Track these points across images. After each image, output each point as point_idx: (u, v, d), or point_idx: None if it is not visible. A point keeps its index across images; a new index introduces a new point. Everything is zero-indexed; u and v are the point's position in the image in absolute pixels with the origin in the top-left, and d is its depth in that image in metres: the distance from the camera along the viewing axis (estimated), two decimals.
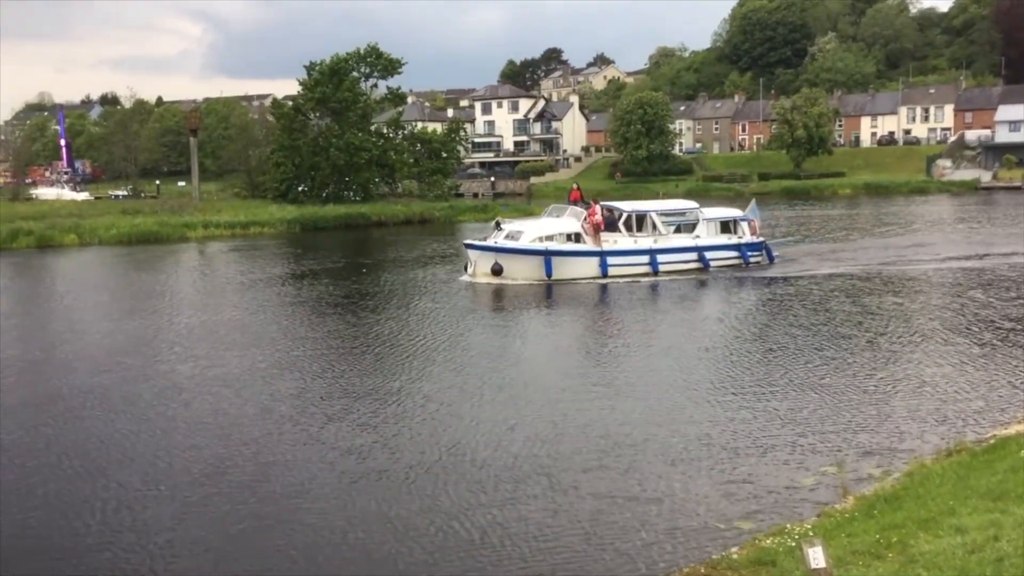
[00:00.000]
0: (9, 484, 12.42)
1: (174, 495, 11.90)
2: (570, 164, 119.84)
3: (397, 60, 74.36)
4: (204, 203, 67.42)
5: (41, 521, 11.15)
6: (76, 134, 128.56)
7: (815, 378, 17.20)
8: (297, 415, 15.43)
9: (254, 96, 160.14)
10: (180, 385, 17.81)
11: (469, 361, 19.57)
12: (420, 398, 16.36)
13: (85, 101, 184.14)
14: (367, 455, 13.33)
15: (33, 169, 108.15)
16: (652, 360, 19.40)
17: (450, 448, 13.50)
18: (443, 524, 10.81)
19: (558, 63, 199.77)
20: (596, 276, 31.42)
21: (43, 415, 15.82)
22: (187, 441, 14.16)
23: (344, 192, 71.57)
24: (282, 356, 20.41)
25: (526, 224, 33.39)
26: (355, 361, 19.79)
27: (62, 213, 57.67)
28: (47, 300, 30.73)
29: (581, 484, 12.00)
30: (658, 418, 14.83)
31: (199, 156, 77.37)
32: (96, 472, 12.85)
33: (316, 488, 12.07)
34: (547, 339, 23.02)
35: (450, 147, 77.65)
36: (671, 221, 34.24)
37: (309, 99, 71.59)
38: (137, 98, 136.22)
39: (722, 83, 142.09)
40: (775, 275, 32.03)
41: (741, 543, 9.82)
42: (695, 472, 12.43)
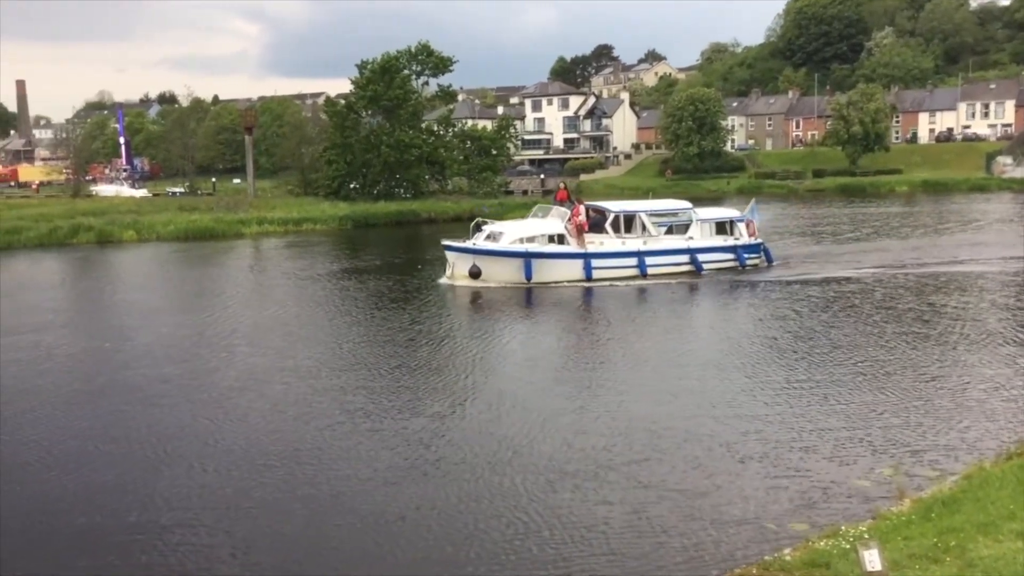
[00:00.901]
0: (94, 466, 12.91)
1: (259, 478, 12.17)
2: (620, 161, 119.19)
3: (448, 58, 74.68)
4: (258, 200, 68.38)
5: (132, 502, 11.54)
6: (135, 132, 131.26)
7: (867, 380, 16.95)
8: (366, 405, 15.72)
9: (307, 95, 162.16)
10: (254, 375, 18.39)
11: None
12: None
13: (144, 100, 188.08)
14: (429, 444, 13.49)
15: (93, 166, 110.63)
16: (658, 365, 19.27)
17: (483, 448, 13.59)
18: (498, 515, 10.91)
19: (609, 60, 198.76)
20: (580, 279, 30.20)
21: (123, 402, 16.42)
22: (265, 427, 14.62)
23: (395, 189, 72.09)
24: (342, 350, 20.86)
25: (508, 225, 32.24)
26: (408, 357, 20.03)
27: (121, 210, 58.97)
28: (112, 294, 31.51)
29: (630, 483, 12.00)
30: (702, 417, 14.75)
31: (254, 154, 78.52)
32: (179, 455, 13.32)
33: (387, 475, 12.25)
34: (512, 344, 22.35)
35: (500, 144, 77.76)
36: (662, 222, 32.93)
37: (361, 97, 72.19)
38: (194, 97, 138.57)
39: (776, 79, 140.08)
40: (772, 278, 30.72)
41: (794, 544, 9.75)
42: (746, 472, 12.35)
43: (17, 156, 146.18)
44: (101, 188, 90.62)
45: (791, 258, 35.28)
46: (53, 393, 17.30)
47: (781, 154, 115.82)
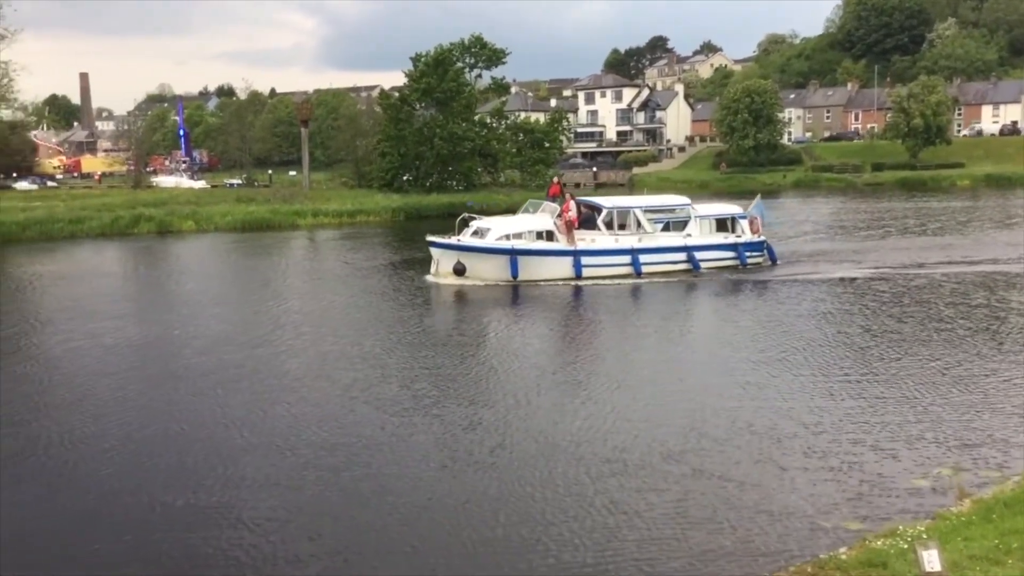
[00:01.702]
0: (175, 449, 13.24)
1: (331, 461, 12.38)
2: (674, 154, 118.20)
3: (501, 50, 74.71)
4: (313, 192, 69.30)
5: (215, 483, 11.81)
6: (194, 124, 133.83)
7: (921, 379, 16.62)
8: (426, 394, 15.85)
9: (362, 87, 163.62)
10: (324, 362, 18.76)
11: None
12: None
13: (203, 93, 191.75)
14: (483, 435, 13.59)
15: (154, 158, 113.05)
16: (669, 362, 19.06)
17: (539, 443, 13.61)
18: (549, 503, 10.94)
19: (663, 51, 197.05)
20: (569, 277, 29.20)
21: (199, 386, 16.86)
22: (338, 412, 14.86)
23: (447, 181, 72.42)
24: (398, 340, 21.09)
25: (495, 221, 30.91)
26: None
27: (180, 200, 60.19)
28: (176, 283, 32.20)
29: (684, 481, 11.93)
30: (745, 412, 14.60)
31: (309, 146, 79.47)
32: (259, 439, 13.60)
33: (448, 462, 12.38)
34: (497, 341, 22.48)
35: (552, 137, 77.61)
36: (658, 218, 31.76)
37: (415, 90, 72.58)
38: (252, 90, 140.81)
39: (834, 71, 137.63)
40: (774, 278, 29.69)
41: (850, 543, 9.61)
42: (800, 470, 12.20)
43: (80, 147, 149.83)
44: (161, 179, 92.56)
45: (797, 256, 34.33)
46: (132, 378, 17.73)
47: (839, 147, 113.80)
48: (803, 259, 33.73)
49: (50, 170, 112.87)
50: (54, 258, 39.40)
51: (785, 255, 33.70)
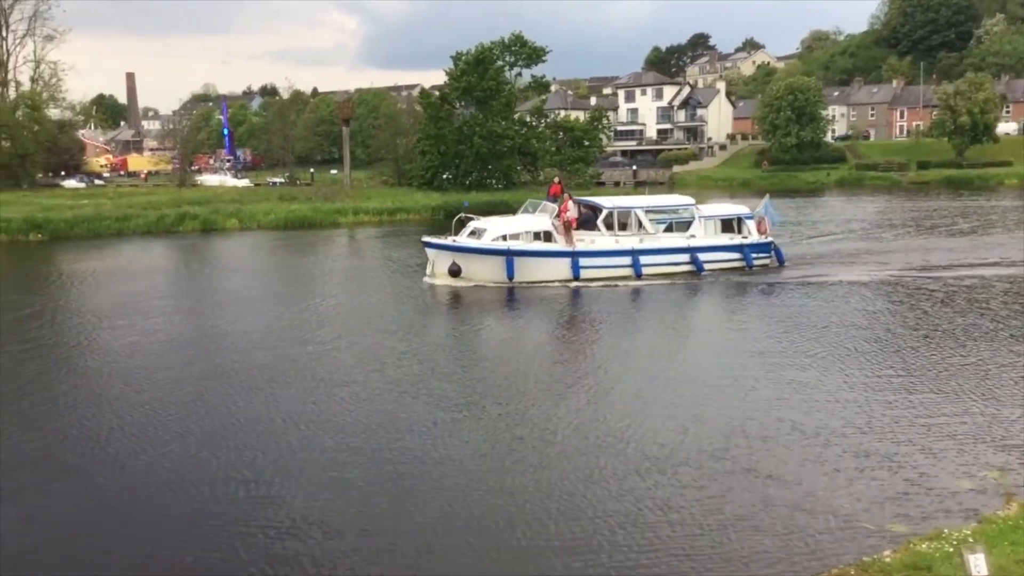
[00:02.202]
0: (231, 443, 13.46)
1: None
2: (715, 152, 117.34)
3: (541, 48, 74.71)
4: (354, 190, 69.87)
5: (273, 474, 12.03)
6: (238, 124, 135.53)
7: (961, 381, 16.36)
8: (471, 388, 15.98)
9: (403, 86, 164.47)
10: (375, 357, 19.05)
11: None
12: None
13: (246, 92, 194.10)
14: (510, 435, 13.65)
15: (198, 156, 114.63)
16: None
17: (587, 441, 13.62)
18: (593, 501, 10.98)
19: (705, 49, 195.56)
20: (567, 279, 28.57)
21: (253, 382, 17.10)
22: (389, 407, 14.97)
23: (487, 180, 72.58)
24: (444, 337, 21.24)
25: (491, 221, 30.26)
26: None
27: (224, 199, 61.01)
28: (223, 280, 32.69)
29: (720, 478, 11.89)
30: (783, 413, 14.48)
31: (350, 145, 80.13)
32: (316, 433, 13.74)
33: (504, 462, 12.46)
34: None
35: (592, 135, 77.50)
36: (660, 219, 31.02)
37: (455, 88, 72.83)
38: (294, 89, 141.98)
39: (879, 67, 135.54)
40: (781, 280, 28.83)
41: (894, 546, 9.52)
42: (842, 471, 12.09)
43: (127, 146, 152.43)
44: (206, 178, 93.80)
45: (813, 257, 33.61)
46: (187, 373, 18.05)
47: (884, 145, 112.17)
48: (816, 260, 32.94)
49: (97, 168, 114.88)
50: (102, 255, 40.16)
51: (799, 256, 33.29)
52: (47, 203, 56.68)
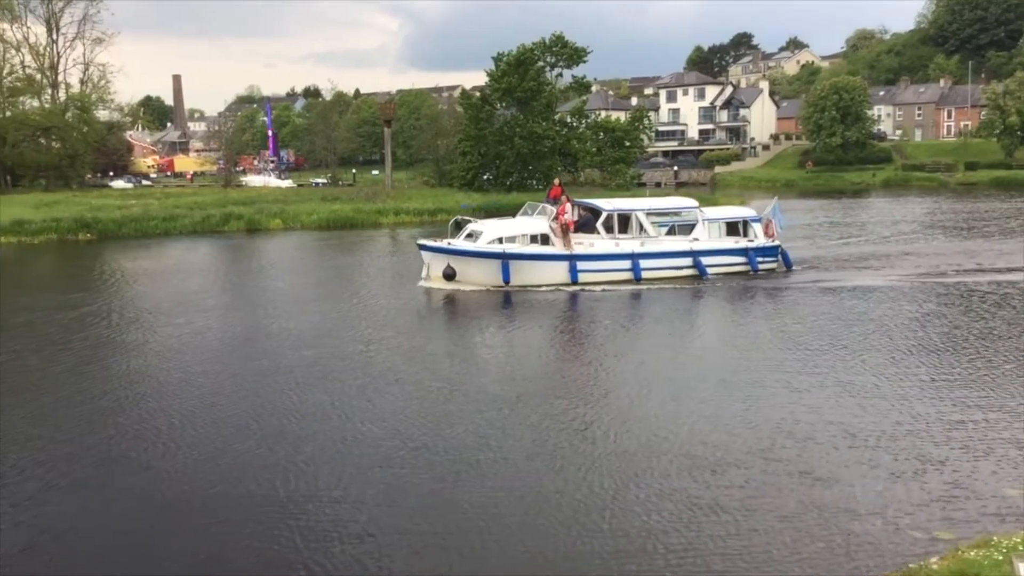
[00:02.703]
0: (287, 439, 13.63)
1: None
2: (758, 152, 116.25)
3: (582, 49, 74.53)
4: (395, 191, 70.29)
5: (331, 468, 12.18)
6: (281, 125, 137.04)
7: (1001, 381, 16.05)
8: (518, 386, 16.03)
9: (444, 87, 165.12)
10: (423, 356, 19.31)
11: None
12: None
13: (290, 94, 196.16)
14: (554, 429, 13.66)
15: (243, 158, 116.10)
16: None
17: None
18: (635, 502, 10.95)
19: (748, 48, 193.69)
20: (564, 283, 28.06)
21: (308, 379, 17.31)
22: (441, 406, 15.06)
23: (527, 181, 72.60)
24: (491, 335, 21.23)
25: (488, 224, 29.78)
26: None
27: (268, 199, 61.76)
28: (269, 279, 33.05)
29: (768, 482, 11.79)
30: (833, 418, 14.30)
31: (392, 146, 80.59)
32: (374, 430, 13.88)
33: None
34: None
35: (633, 136, 77.20)
36: (662, 222, 30.37)
37: (496, 89, 72.97)
38: (337, 90, 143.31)
39: (926, 67, 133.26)
40: (786, 284, 28.28)
41: (941, 553, 9.37)
42: (890, 476, 11.92)
43: (173, 147, 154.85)
44: (250, 178, 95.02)
45: (829, 261, 32.92)
46: (240, 370, 18.35)
47: (931, 145, 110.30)
48: (829, 265, 32.17)
49: (145, 169, 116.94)
50: (150, 254, 40.87)
51: (818, 259, 32.80)
52: (96, 203, 57.86)
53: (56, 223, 47.98)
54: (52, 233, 46.94)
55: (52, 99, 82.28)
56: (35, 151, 78.81)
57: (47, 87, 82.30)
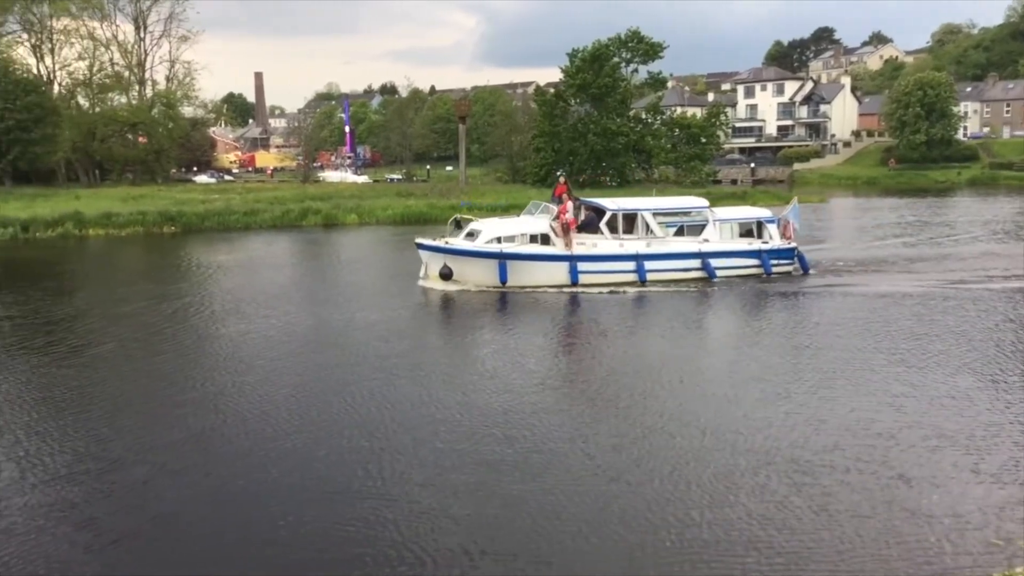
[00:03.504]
0: (369, 433, 13.83)
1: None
2: (838, 150, 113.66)
3: (658, 44, 74.06)
4: (469, 187, 70.78)
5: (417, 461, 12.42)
6: (358, 122, 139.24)
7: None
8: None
9: (518, 84, 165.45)
10: (510, 353, 19.27)
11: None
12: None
13: (367, 91, 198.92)
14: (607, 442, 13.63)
15: (321, 153, 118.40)
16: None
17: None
18: (696, 505, 10.89)
19: (829, 43, 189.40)
20: (564, 284, 27.23)
21: (389, 373, 17.45)
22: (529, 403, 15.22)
23: (600, 177, 72.49)
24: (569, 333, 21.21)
25: (488, 223, 28.96)
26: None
27: (345, 195, 62.78)
28: (348, 272, 33.49)
29: (842, 483, 11.57)
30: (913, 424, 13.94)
31: (466, 142, 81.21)
32: (455, 426, 14.13)
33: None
34: None
35: (709, 132, 76.38)
36: (670, 222, 29.43)
37: (570, 86, 72.97)
38: (413, 88, 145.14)
39: (1016, 62, 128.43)
40: (801, 289, 27.08)
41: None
42: (971, 479, 11.59)
43: (255, 144, 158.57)
44: (327, 174, 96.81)
45: (849, 265, 31.50)
46: (335, 360, 18.70)
47: (1020, 143, 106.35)
48: (852, 268, 30.84)
49: (227, 165, 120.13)
50: (232, 248, 41.91)
51: (830, 263, 31.56)
52: (180, 197, 59.65)
53: (142, 216, 49.53)
54: (139, 226, 48.47)
55: (139, 96, 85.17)
56: (123, 146, 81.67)
57: (135, 84, 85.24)
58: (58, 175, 76.67)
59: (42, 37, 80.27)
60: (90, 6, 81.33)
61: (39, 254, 39.87)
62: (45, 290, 28.64)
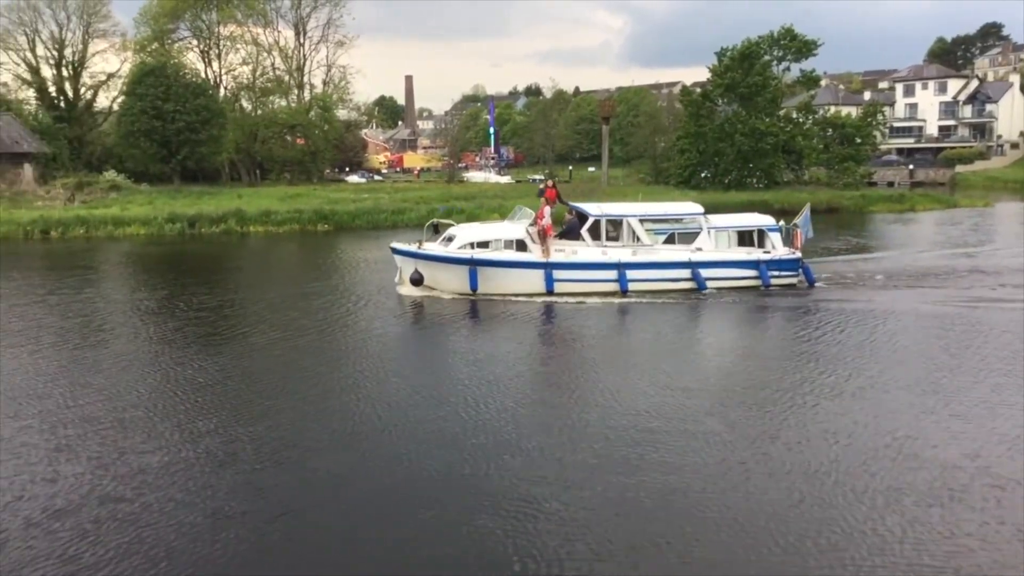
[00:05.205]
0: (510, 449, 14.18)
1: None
2: (1005, 151, 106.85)
3: (812, 41, 71.52)
4: (611, 188, 70.47)
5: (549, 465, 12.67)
6: (503, 123, 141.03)
7: None
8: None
9: (663, 84, 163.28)
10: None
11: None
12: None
13: (512, 92, 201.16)
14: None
15: (466, 154, 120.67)
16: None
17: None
18: (757, 513, 10.56)
19: (997, 39, 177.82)
20: (538, 292, 26.04)
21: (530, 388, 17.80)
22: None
23: (747, 179, 70.71)
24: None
25: (465, 228, 28.02)
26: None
27: (488, 194, 63.81)
28: None
29: (908, 495, 10.98)
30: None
31: (609, 143, 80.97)
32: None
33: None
34: None
35: (865, 132, 73.31)
36: (660, 229, 27.80)
37: (718, 85, 71.51)
38: (557, 89, 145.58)
39: None
40: (800, 304, 24.78)
41: None
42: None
43: (403, 145, 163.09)
44: (471, 174, 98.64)
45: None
46: (484, 351, 19.17)
47: None
48: (866, 282, 28.49)
49: (376, 165, 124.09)
50: (381, 245, 43.20)
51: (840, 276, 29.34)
52: (333, 196, 62.15)
53: (299, 214, 51.92)
54: (295, 224, 50.84)
55: (298, 99, 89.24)
56: (282, 147, 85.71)
57: (294, 88, 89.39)
58: (222, 174, 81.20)
59: (210, 43, 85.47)
60: (255, 13, 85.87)
61: (204, 248, 42.46)
62: (212, 283, 30.59)
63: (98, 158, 75.60)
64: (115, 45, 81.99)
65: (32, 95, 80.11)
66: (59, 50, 78.86)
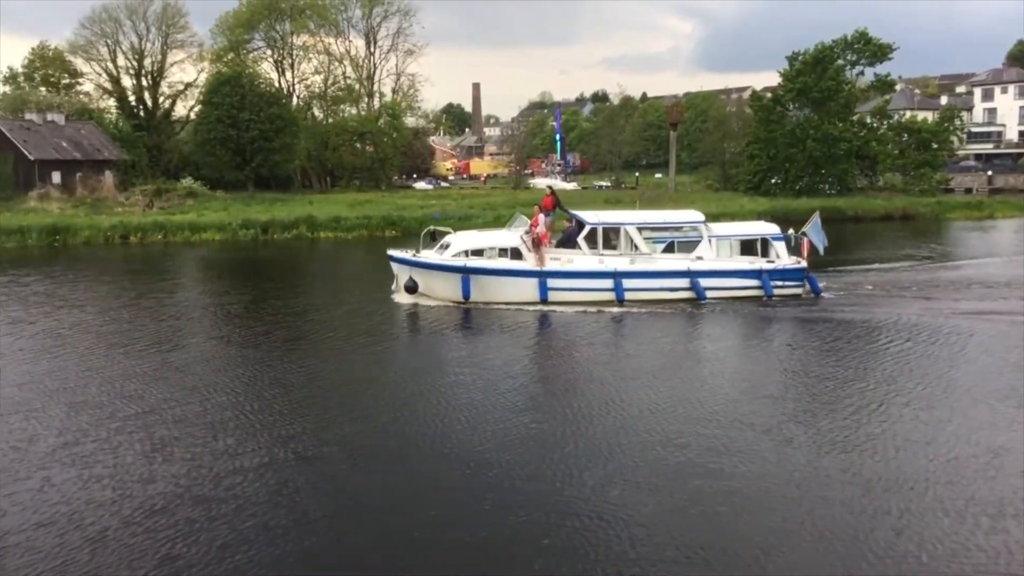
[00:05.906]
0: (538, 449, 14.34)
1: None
2: None
3: (887, 45, 70.20)
4: (678, 194, 70.08)
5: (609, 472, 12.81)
6: (569, 129, 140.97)
7: None
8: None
9: (733, 89, 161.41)
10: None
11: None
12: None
13: (579, 99, 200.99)
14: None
15: (532, 161, 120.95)
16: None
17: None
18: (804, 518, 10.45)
19: None
20: (532, 301, 25.57)
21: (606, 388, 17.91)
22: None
23: (819, 185, 69.70)
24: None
25: (461, 236, 27.49)
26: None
27: None
28: None
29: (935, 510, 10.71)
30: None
31: (676, 149, 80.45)
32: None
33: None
34: None
35: (942, 137, 71.65)
36: (659, 237, 27.16)
37: (789, 90, 70.61)
38: (624, 95, 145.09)
39: None
40: (802, 315, 24.05)
41: None
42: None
43: (470, 151, 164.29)
44: (537, 181, 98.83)
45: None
46: (537, 353, 19.38)
47: None
48: (873, 294, 27.48)
49: (444, 172, 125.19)
50: None
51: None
52: (401, 203, 63.07)
53: (367, 220, 52.86)
54: (363, 229, 51.78)
55: (368, 107, 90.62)
56: (352, 155, 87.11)
57: (364, 96, 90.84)
58: (294, 181, 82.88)
59: (283, 53, 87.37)
60: (327, 23, 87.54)
61: (277, 254, 43.47)
62: (291, 287, 31.42)
63: (175, 165, 77.96)
64: (192, 55, 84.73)
65: (113, 104, 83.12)
66: (139, 60, 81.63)
